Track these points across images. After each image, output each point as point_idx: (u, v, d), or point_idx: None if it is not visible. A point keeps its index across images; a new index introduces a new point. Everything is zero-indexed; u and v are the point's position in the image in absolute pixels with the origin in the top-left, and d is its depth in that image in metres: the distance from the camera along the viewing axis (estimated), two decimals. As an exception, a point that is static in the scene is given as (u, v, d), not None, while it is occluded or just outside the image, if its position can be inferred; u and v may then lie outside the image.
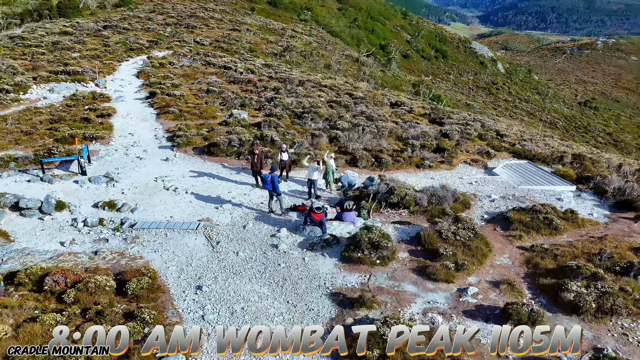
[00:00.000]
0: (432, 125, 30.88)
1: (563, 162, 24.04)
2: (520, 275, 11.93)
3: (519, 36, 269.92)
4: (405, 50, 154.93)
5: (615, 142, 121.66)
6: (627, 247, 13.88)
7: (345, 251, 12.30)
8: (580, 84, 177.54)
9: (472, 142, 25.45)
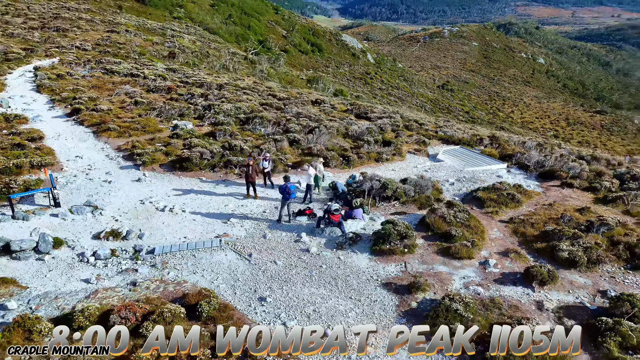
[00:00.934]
0: (359, 120, 33.23)
1: (483, 144, 27.88)
2: (516, 244, 14.41)
3: (377, 27, 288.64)
4: (284, 46, 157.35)
5: (472, 118, 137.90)
6: (573, 209, 17.27)
7: (375, 245, 13.64)
8: (435, 69, 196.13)
9: (405, 133, 28.17)
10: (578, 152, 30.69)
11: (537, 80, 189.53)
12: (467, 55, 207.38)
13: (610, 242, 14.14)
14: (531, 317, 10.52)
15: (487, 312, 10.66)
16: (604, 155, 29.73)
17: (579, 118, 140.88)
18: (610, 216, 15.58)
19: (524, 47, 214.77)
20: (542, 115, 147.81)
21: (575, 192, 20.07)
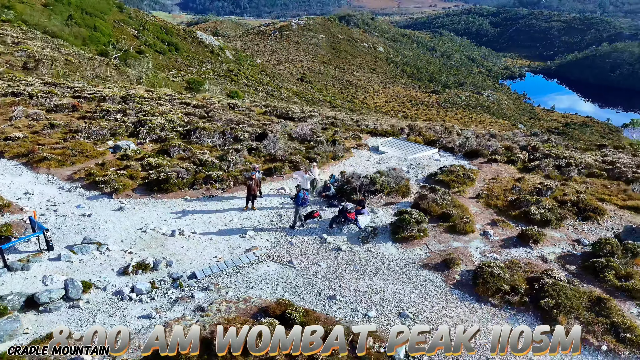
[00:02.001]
0: (281, 120, 34.49)
1: (405, 133, 31.34)
2: (495, 215, 17.49)
3: (224, 22, 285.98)
4: (138, 47, 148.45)
5: (335, 107, 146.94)
6: (513, 180, 21.15)
7: (396, 234, 15.51)
8: (290, 63, 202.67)
9: (342, 131, 30.33)
10: (488, 132, 36.04)
11: (380, 68, 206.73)
12: (317, 47, 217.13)
13: (558, 202, 17.98)
14: (546, 268, 13.42)
15: (515, 271, 13.27)
16: (500, 133, 35.46)
17: (419, 99, 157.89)
18: (548, 181, 19.62)
19: (365, 38, 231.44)
20: (390, 99, 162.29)
21: (501, 166, 24.25)
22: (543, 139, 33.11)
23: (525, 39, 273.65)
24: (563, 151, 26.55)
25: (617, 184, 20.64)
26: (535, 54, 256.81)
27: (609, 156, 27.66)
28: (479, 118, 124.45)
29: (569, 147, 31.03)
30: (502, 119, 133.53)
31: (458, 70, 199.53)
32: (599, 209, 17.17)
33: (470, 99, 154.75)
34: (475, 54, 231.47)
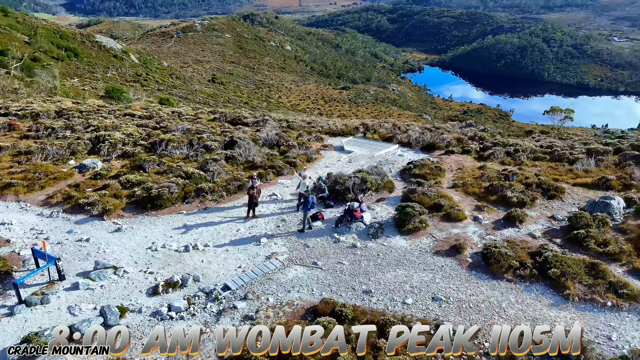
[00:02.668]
0: (240, 127, 34.56)
1: (361, 131, 32.93)
2: (477, 201, 19.47)
3: (120, 23, 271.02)
4: (32, 54, 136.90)
5: (253, 108, 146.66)
6: (477, 169, 23.46)
7: (402, 227, 16.81)
8: (198, 64, 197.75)
9: (305, 134, 31.15)
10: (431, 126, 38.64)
11: (290, 66, 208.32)
12: (224, 48, 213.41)
13: (524, 185, 20.42)
14: (540, 244, 15.50)
15: (515, 249, 15.16)
16: (442, 125, 38.29)
17: (331, 95, 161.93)
18: (510, 167, 22.10)
19: (271, 36, 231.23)
20: (304, 97, 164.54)
21: (459, 157, 26.61)
22: (479, 128, 36.48)
23: (420, 34, 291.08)
24: (507, 139, 29.68)
25: (562, 165, 23.78)
26: (431, 47, 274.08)
27: (541, 141, 31.37)
28: (387, 111, 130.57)
29: (503, 135, 34.56)
30: (409, 111, 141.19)
31: (363, 66, 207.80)
32: (560, 188, 19.84)
33: (378, 93, 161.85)
34: (377, 50, 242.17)
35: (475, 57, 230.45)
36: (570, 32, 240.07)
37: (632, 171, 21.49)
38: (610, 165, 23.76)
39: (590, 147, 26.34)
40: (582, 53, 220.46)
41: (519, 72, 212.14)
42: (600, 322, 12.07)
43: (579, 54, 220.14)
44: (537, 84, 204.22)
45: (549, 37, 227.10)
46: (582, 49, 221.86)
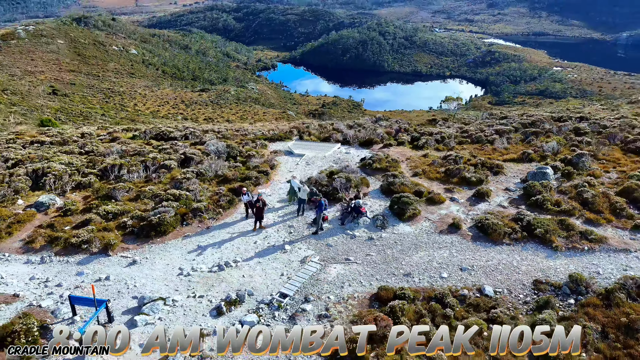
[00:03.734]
0: (168, 142, 33.67)
1: (295, 134, 34.53)
2: (443, 184, 22.64)
3: None
4: None
5: (112, 119, 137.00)
6: (422, 157, 26.88)
7: (402, 215, 19.13)
8: (31, 75, 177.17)
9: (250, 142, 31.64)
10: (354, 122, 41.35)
11: (139, 71, 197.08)
12: (59, 55, 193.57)
13: (471, 165, 24.26)
14: (515, 212, 19.11)
15: (500, 218, 18.50)
16: (361, 121, 41.43)
17: (191, 99, 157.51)
18: (449, 152, 25.86)
19: (112, 40, 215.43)
20: (162, 102, 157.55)
21: (397, 148, 29.89)
22: (390, 122, 40.49)
23: (268, 32, 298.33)
24: (430, 129, 33.86)
25: (486, 146, 28.41)
26: (280, 45, 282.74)
27: (449, 127, 36.36)
28: (252, 110, 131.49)
29: (412, 125, 39.01)
30: (272, 108, 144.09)
31: (217, 67, 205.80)
32: (500, 165, 24.06)
33: (239, 93, 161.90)
34: (229, 49, 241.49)
35: (324, 52, 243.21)
36: (401, 26, 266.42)
37: (541, 144, 26.80)
38: (518, 141, 29.09)
39: (497, 129, 31.67)
40: (412, 44, 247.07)
41: (363, 64, 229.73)
42: (586, 262, 15.87)
43: (410, 45, 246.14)
44: (379, 74, 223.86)
45: (384, 31, 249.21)
46: (412, 40, 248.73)
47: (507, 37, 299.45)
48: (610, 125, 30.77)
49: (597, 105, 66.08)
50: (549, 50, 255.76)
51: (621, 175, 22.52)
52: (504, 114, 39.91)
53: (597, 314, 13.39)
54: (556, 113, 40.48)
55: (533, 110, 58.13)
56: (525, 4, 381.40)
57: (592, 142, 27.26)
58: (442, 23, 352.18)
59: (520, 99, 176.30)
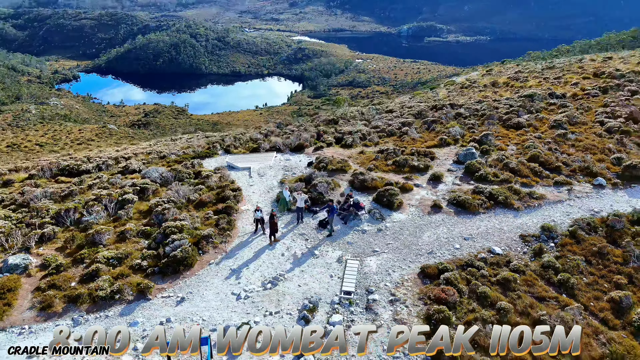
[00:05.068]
0: (99, 176, 30.87)
1: (222, 148, 34.71)
2: (398, 175, 26.17)
3: None
4: None
5: None
6: (359, 154, 30.18)
7: (392, 205, 22.04)
8: None
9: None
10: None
11: None
12: None
13: (409, 154, 28.37)
14: (471, 188, 23.60)
15: (464, 194, 22.76)
16: (268, 128, 42.60)
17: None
18: (379, 147, 29.69)
19: None
20: None
21: (329, 149, 32.64)
22: (291, 128, 42.72)
23: (62, 40, 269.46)
24: (349, 128, 37.08)
25: (404, 138, 32.96)
26: (79, 53, 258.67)
27: (354, 125, 40.32)
28: (64, 129, 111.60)
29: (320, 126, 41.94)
30: (88, 124, 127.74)
31: (2, 83, 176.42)
32: (431, 152, 28.66)
33: (42, 111, 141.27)
34: (15, 62, 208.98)
35: (133, 58, 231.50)
36: (211, 27, 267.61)
37: (447, 130, 32.39)
38: (424, 130, 34.44)
39: (402, 121, 36.67)
40: (226, 45, 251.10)
41: (179, 67, 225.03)
42: (542, 215, 21.10)
43: (224, 46, 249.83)
44: (198, 77, 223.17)
45: (195, 33, 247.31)
46: (225, 41, 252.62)
47: (311, 34, 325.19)
48: (481, 109, 38.32)
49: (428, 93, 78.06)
50: (348, 44, 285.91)
51: (519, 147, 29.09)
52: (390, 108, 45.59)
53: (574, 248, 18.37)
54: (424, 102, 47.80)
55: (388, 102, 66.32)
56: (322, 3, 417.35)
57: (478, 123, 33.95)
58: (250, 23, 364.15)
59: (335, 91, 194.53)
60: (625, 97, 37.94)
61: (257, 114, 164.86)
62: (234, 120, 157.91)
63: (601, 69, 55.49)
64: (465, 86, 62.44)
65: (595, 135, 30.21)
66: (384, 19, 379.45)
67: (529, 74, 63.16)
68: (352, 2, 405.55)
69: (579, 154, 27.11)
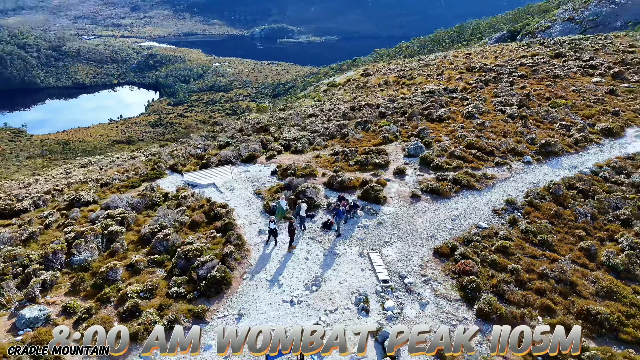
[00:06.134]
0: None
1: (164, 169, 33.79)
2: (365, 172, 28.72)
3: None
4: None
5: None
6: (314, 157, 32.17)
7: (378, 201, 24.50)
8: None
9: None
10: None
11: None
12: None
13: (364, 153, 31.12)
14: (435, 176, 27.15)
15: (434, 182, 26.16)
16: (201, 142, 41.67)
17: None
18: (332, 149, 32.09)
19: None
20: None
21: (282, 156, 33.94)
22: (221, 142, 42.57)
23: None
24: (293, 135, 38.23)
25: (348, 139, 35.56)
26: None
27: (289, 131, 41.76)
28: None
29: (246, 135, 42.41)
30: None
31: None
32: (383, 149, 31.74)
33: None
34: None
35: None
36: (42, 35, 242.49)
37: (387, 128, 35.87)
38: (361, 130, 37.52)
39: (339, 124, 39.25)
40: (63, 54, 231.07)
41: (8, 83, 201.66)
42: (500, 191, 25.46)
43: (61, 56, 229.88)
44: (33, 92, 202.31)
45: (23, 43, 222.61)
46: (62, 50, 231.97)
47: (161, 39, 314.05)
48: (398, 107, 42.73)
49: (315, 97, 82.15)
50: (202, 48, 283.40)
51: (451, 137, 33.67)
52: (312, 112, 47.79)
53: (537, 214, 22.80)
54: (342, 105, 51.18)
55: (294, 107, 68.72)
56: (168, 6, 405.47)
57: (405, 120, 38.14)
58: (88, 30, 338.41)
59: (196, 96, 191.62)
60: (508, 87, 45.55)
61: (112, 128, 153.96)
62: (86, 137, 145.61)
63: (471, 64, 64.64)
64: (361, 86, 67.63)
65: (502, 122, 36.24)
66: (235, 22, 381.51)
67: (411, 71, 70.72)
68: (200, 6, 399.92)
69: (500, 138, 32.55)
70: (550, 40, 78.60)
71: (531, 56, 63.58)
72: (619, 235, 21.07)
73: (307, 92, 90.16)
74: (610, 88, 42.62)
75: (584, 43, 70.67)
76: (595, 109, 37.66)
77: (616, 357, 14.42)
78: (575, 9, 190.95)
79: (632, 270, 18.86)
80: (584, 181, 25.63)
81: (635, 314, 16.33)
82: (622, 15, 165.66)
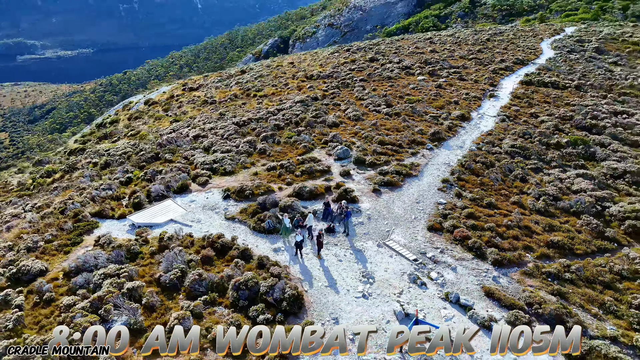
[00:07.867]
0: None
1: (106, 212, 30.80)
2: (315, 180, 31.94)
3: None
4: None
5: None
6: (253, 174, 33.98)
7: (356, 201, 28.30)
8: None
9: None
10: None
11: None
12: None
13: (299, 163, 34.20)
14: (373, 172, 32.20)
15: (382, 176, 31.16)
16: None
17: None
18: (274, 163, 34.51)
19: None
20: None
21: (220, 179, 34.30)
22: (121, 178, 38.97)
23: None
24: (210, 158, 37.47)
25: (269, 153, 37.61)
26: None
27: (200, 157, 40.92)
28: None
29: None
30: None
31: None
32: (315, 157, 35.19)
33: None
34: None
35: None
36: None
37: (303, 138, 39.18)
38: (272, 143, 39.98)
39: (245, 140, 40.58)
40: None
41: None
42: (431, 174, 32.04)
43: None
44: None
45: None
46: None
47: None
48: (284, 117, 46.23)
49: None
50: None
51: (359, 137, 39.02)
52: (197, 133, 47.00)
53: (469, 186, 30.09)
54: (220, 122, 51.48)
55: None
56: None
57: (303, 129, 42.16)
58: None
59: None
60: (363, 90, 53.52)
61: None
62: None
63: (307, 73, 71.51)
64: (210, 102, 67.93)
65: (385, 120, 43.41)
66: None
67: (250, 82, 73.88)
68: None
69: (396, 133, 39.46)
70: (353, 46, 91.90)
71: (351, 62, 74.09)
72: (525, 188, 29.68)
73: (122, 114, 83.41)
74: (438, 83, 54.48)
75: (379, 47, 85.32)
76: (440, 101, 48.20)
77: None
78: (333, 16, 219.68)
79: (549, 210, 27.32)
80: (479, 156, 34.14)
81: (575, 236, 24.36)
82: (370, 21, 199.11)
